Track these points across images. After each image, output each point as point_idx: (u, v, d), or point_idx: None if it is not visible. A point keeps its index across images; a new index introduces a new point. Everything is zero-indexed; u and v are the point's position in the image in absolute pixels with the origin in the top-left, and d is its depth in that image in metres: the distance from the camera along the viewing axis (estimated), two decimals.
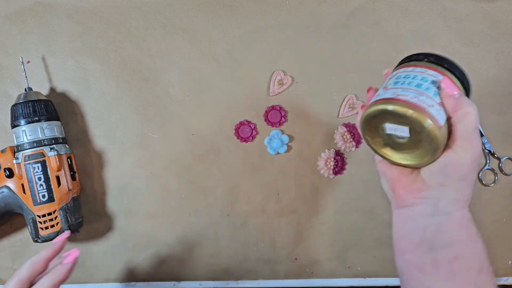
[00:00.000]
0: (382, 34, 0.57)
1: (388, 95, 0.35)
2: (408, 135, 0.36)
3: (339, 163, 0.56)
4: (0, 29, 0.56)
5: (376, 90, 0.39)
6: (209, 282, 0.57)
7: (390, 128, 0.36)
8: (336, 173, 0.56)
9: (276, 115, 0.56)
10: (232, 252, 0.57)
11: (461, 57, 0.57)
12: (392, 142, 0.38)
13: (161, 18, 0.57)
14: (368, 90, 0.41)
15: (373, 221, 0.56)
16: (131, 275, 0.57)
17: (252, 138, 0.56)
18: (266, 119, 0.56)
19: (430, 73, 0.36)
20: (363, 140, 0.38)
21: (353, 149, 0.56)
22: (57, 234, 0.51)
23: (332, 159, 0.56)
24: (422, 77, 0.35)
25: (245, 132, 0.56)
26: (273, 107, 0.56)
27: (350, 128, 0.56)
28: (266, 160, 0.57)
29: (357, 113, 0.54)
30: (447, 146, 0.35)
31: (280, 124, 0.56)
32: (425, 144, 0.35)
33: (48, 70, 0.56)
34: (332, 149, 0.56)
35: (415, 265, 0.37)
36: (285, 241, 0.57)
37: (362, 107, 0.40)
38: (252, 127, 0.56)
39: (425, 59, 0.37)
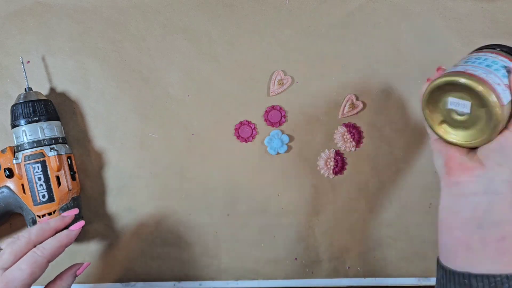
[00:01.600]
0: (382, 34, 0.57)
1: (457, 69, 0.38)
2: (469, 111, 0.37)
3: (339, 163, 0.56)
4: (0, 29, 0.56)
5: (445, 70, 0.41)
6: (209, 282, 0.57)
7: (452, 102, 0.38)
8: (336, 173, 0.56)
9: (276, 115, 0.56)
10: (232, 252, 0.57)
11: (461, 56, 0.56)
12: (450, 119, 0.39)
13: (161, 18, 0.57)
14: (438, 69, 0.43)
15: (373, 221, 0.57)
16: (131, 275, 0.57)
17: (252, 138, 0.56)
18: (266, 119, 0.56)
19: (501, 59, 0.37)
20: (423, 114, 0.41)
21: (353, 149, 0.56)
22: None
23: (332, 159, 0.56)
24: (493, 60, 0.37)
25: (245, 132, 0.56)
26: (273, 107, 0.56)
27: (350, 128, 0.56)
28: (266, 160, 0.57)
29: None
30: (505, 128, 0.36)
31: (280, 124, 0.56)
32: (484, 121, 0.36)
33: (48, 70, 0.56)
34: (332, 149, 0.56)
35: (462, 242, 0.37)
36: (285, 241, 0.57)
37: (428, 80, 0.41)
38: (252, 127, 0.56)
39: (498, 48, 0.39)
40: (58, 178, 0.51)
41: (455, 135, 0.40)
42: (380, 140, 0.57)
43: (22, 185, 0.50)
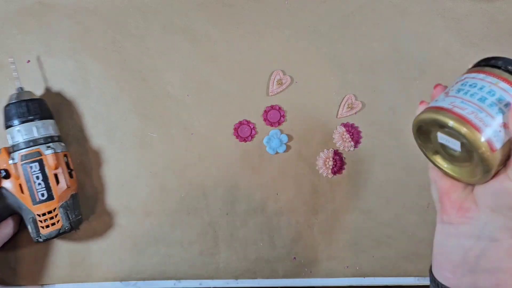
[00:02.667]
0: (382, 34, 0.57)
1: (445, 104, 0.33)
2: (460, 150, 0.33)
3: (338, 163, 0.56)
4: (0, 29, 0.56)
5: (444, 88, 0.36)
6: (209, 281, 0.58)
7: (442, 138, 0.34)
8: (335, 172, 0.56)
9: (275, 115, 0.56)
10: (232, 251, 0.57)
11: (460, 57, 0.57)
12: (444, 151, 0.35)
13: (161, 18, 0.57)
14: (436, 87, 0.37)
15: (372, 221, 0.57)
16: (130, 274, 0.57)
17: (251, 137, 0.57)
18: (265, 119, 0.56)
19: (501, 86, 0.31)
20: (415, 141, 0.37)
21: (352, 149, 0.56)
22: (58, 231, 0.51)
23: (331, 159, 0.56)
24: (490, 90, 0.31)
25: (244, 131, 0.56)
26: (272, 107, 0.56)
27: (349, 128, 0.56)
28: (265, 159, 0.57)
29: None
30: (502, 170, 0.31)
31: (279, 123, 0.57)
32: (477, 162, 0.32)
33: (48, 70, 0.56)
34: (331, 149, 0.56)
35: (452, 283, 0.35)
36: (284, 241, 0.57)
37: (421, 103, 0.37)
38: (251, 127, 0.56)
39: (502, 67, 0.32)
40: (56, 176, 0.51)
41: (449, 168, 0.36)
42: (378, 140, 0.57)
43: (20, 185, 0.50)
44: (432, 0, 0.57)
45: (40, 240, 0.51)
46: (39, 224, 0.50)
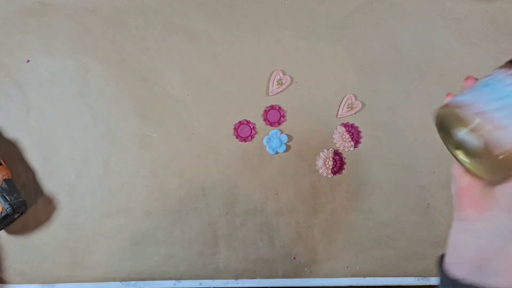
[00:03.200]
0: (381, 34, 0.57)
1: (467, 99, 0.31)
2: (479, 147, 0.32)
3: (338, 163, 0.56)
4: (0, 29, 0.56)
5: (474, 81, 0.34)
6: (209, 281, 0.58)
7: (462, 133, 0.32)
8: (334, 172, 0.56)
9: (275, 115, 0.56)
10: (231, 251, 0.57)
11: (460, 57, 0.57)
12: (466, 147, 0.33)
13: (161, 18, 0.57)
14: (466, 79, 0.35)
15: (371, 221, 0.57)
16: (130, 274, 0.57)
17: (251, 137, 0.57)
18: (265, 119, 0.56)
19: None
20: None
21: (352, 149, 0.56)
22: (1, 215, 0.51)
23: (331, 159, 0.56)
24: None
25: (244, 131, 0.56)
26: (272, 107, 0.56)
27: (349, 128, 0.56)
28: (265, 159, 0.57)
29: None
30: None
31: (279, 123, 0.57)
32: (497, 160, 0.30)
33: (48, 70, 0.57)
34: (330, 149, 0.56)
35: (463, 279, 0.34)
36: (283, 241, 0.57)
37: (448, 95, 0.35)
38: (251, 127, 0.56)
39: None
40: None
41: (470, 165, 0.33)
42: (378, 140, 0.57)
43: None
44: (432, 0, 0.57)
45: None
46: None
